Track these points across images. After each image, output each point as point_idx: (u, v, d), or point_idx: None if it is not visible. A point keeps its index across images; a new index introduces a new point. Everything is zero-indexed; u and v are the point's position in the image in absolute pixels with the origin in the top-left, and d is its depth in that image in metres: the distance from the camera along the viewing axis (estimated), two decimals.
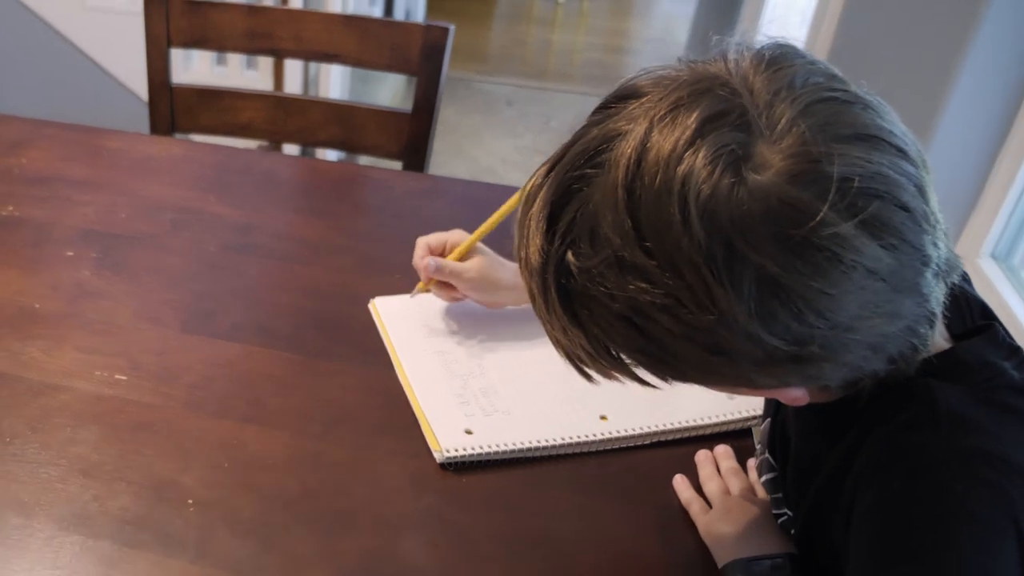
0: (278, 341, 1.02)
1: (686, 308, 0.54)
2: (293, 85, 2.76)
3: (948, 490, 0.58)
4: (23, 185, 1.28)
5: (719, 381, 0.61)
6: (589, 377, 0.64)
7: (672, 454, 0.91)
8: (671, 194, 0.53)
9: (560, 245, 0.57)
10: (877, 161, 0.53)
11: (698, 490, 0.86)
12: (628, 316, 0.56)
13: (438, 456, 0.87)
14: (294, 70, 2.74)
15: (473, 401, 0.94)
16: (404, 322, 1.05)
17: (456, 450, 0.87)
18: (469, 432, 0.90)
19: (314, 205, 1.34)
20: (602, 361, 0.61)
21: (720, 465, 0.89)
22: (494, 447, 0.88)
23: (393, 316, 1.05)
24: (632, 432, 0.91)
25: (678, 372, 0.59)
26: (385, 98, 3.47)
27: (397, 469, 0.87)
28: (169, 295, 1.08)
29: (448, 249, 1.03)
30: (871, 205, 0.52)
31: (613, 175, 0.55)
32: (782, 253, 0.52)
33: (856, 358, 0.56)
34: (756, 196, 0.52)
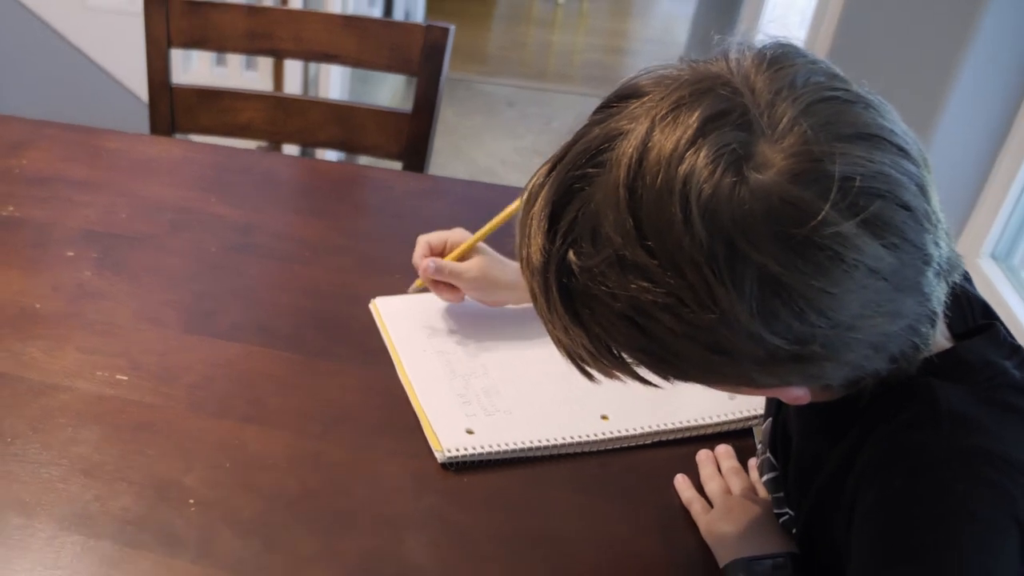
0: (278, 341, 1.02)
1: (688, 307, 0.54)
2: (293, 86, 2.76)
3: (949, 489, 0.58)
4: (23, 185, 1.28)
5: (721, 380, 0.61)
6: (591, 376, 0.64)
7: (673, 454, 0.91)
8: (673, 193, 0.53)
9: (562, 244, 0.58)
10: (879, 160, 0.53)
11: (699, 490, 0.86)
12: (630, 315, 0.56)
13: (439, 456, 0.87)
14: (294, 71, 2.74)
15: (474, 401, 0.94)
16: (405, 322, 1.05)
17: (457, 450, 0.87)
18: (470, 432, 0.90)
19: (314, 205, 1.34)
20: (604, 360, 0.61)
21: (721, 465, 0.89)
22: (495, 447, 0.88)
23: (394, 316, 1.05)
24: (633, 432, 0.91)
25: (680, 371, 0.59)
26: (385, 99, 3.47)
27: (397, 469, 0.87)
28: (169, 295, 1.08)
29: (449, 248, 1.03)
30: (873, 204, 0.52)
31: (615, 174, 0.55)
32: (784, 252, 0.52)
33: (858, 357, 0.56)
34: (758, 195, 0.52)
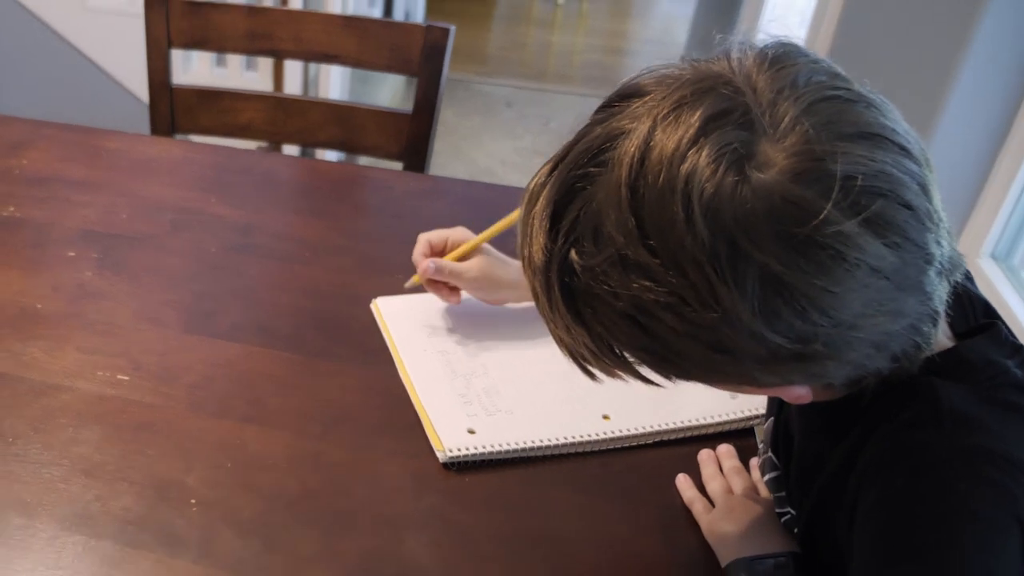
0: (278, 341, 1.02)
1: (690, 306, 0.54)
2: (293, 86, 2.76)
3: (951, 488, 0.58)
4: (24, 186, 1.28)
5: (723, 379, 0.61)
6: (592, 375, 0.64)
7: (674, 453, 0.91)
8: (674, 192, 0.53)
9: (563, 243, 0.57)
10: (880, 159, 0.53)
11: (701, 489, 0.86)
12: (632, 314, 0.56)
13: (441, 456, 0.87)
14: (294, 71, 2.74)
15: (476, 401, 0.94)
16: (406, 322, 1.05)
17: (459, 450, 0.87)
18: (472, 432, 0.89)
19: (314, 206, 1.34)
20: (606, 359, 0.61)
21: (723, 464, 0.89)
22: (496, 447, 0.88)
23: (395, 316, 1.05)
24: (634, 432, 0.91)
25: (682, 370, 0.59)
26: (384, 99, 3.47)
27: (398, 469, 0.87)
28: (170, 295, 1.08)
29: (450, 246, 1.03)
30: (874, 203, 0.52)
31: (616, 173, 0.55)
32: (785, 251, 0.52)
33: (860, 356, 0.56)
34: (759, 194, 0.52)
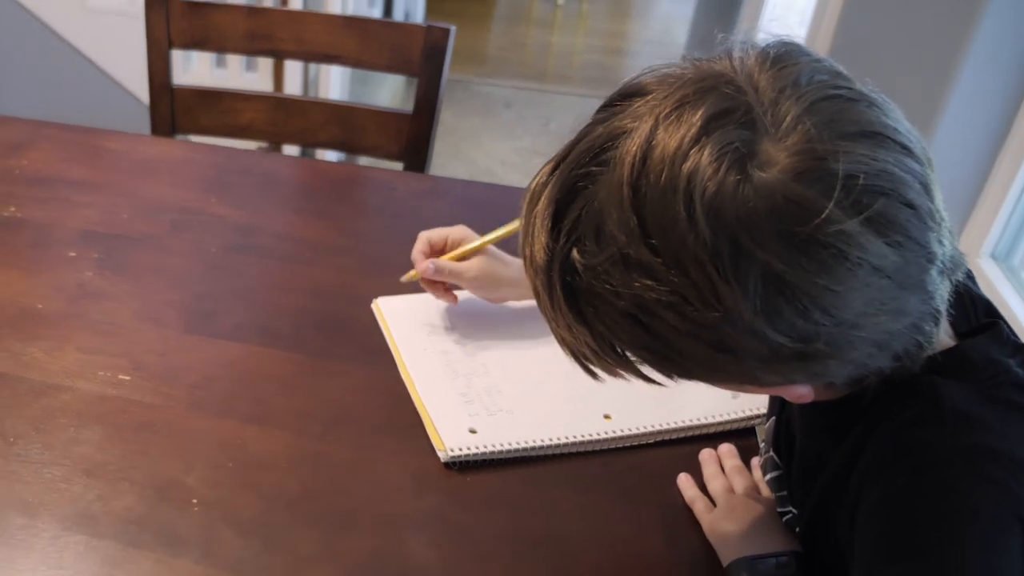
0: (279, 341, 1.02)
1: (691, 305, 0.54)
2: (293, 87, 2.75)
3: (953, 487, 0.58)
4: (24, 186, 1.28)
5: (725, 379, 0.61)
6: (594, 375, 0.64)
7: (676, 453, 0.91)
8: (676, 191, 0.53)
9: (565, 243, 0.57)
10: (882, 158, 0.53)
11: (702, 489, 0.86)
12: (633, 313, 0.56)
13: (443, 455, 0.87)
14: (294, 72, 2.74)
15: (477, 400, 0.94)
16: (407, 322, 1.05)
17: (460, 449, 0.87)
18: (473, 431, 0.89)
19: (315, 206, 1.34)
20: (607, 359, 0.61)
21: (724, 464, 0.89)
22: (498, 446, 0.88)
23: (396, 316, 1.05)
24: (636, 431, 0.91)
25: (683, 370, 0.59)
26: (384, 99, 3.47)
27: (399, 469, 0.87)
28: (171, 295, 1.08)
29: (450, 245, 1.03)
30: (876, 202, 0.52)
31: (618, 173, 0.55)
32: (787, 250, 0.52)
33: (861, 355, 0.56)
34: (761, 193, 0.52)
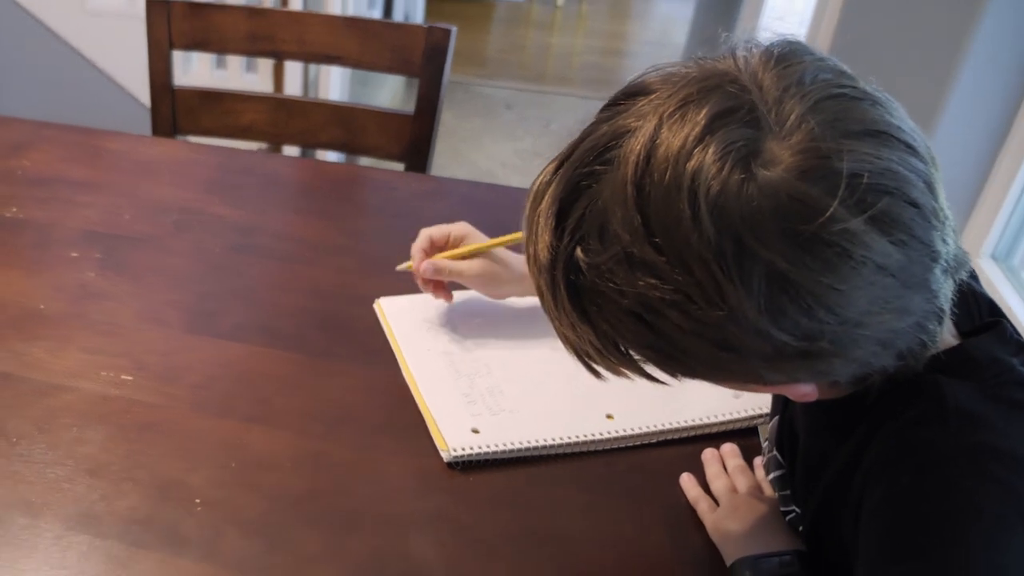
0: (281, 341, 1.02)
1: (695, 304, 0.54)
2: (293, 88, 2.76)
3: (957, 486, 0.58)
4: (25, 187, 1.28)
5: (728, 377, 0.61)
6: (597, 374, 0.64)
7: (678, 453, 0.91)
8: (681, 190, 0.53)
9: (569, 241, 0.57)
10: (886, 157, 0.53)
11: (705, 488, 0.86)
12: (637, 312, 0.56)
13: (445, 455, 0.87)
14: (294, 73, 2.74)
15: (479, 400, 0.94)
16: (409, 322, 1.05)
17: (463, 449, 0.87)
18: (476, 431, 0.90)
19: (317, 206, 1.34)
20: (611, 357, 0.61)
21: (727, 463, 0.89)
22: (501, 446, 0.88)
23: (398, 316, 1.05)
24: (638, 431, 0.91)
25: (687, 368, 0.59)
26: (384, 100, 3.47)
27: (402, 468, 0.87)
28: (173, 296, 1.08)
29: (451, 241, 1.03)
30: (880, 201, 0.52)
31: (622, 171, 0.55)
32: (792, 249, 0.52)
33: (865, 354, 0.56)
34: (766, 192, 0.52)
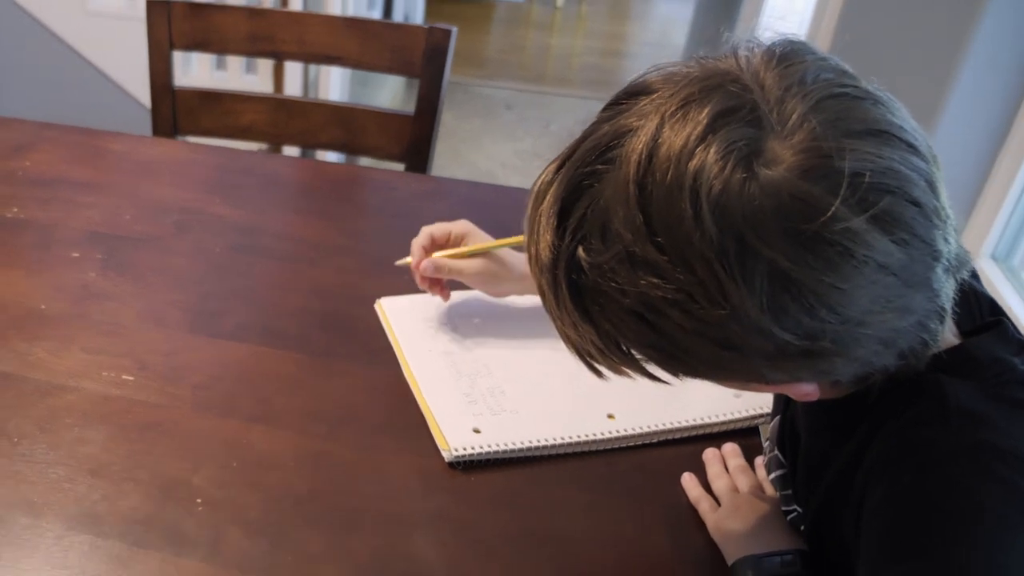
0: (283, 341, 1.02)
1: (697, 303, 0.54)
2: (293, 89, 2.76)
3: (958, 485, 0.58)
4: (27, 187, 1.28)
5: (730, 377, 0.61)
6: (599, 373, 0.64)
7: (680, 452, 0.91)
8: (682, 189, 0.53)
9: (571, 241, 0.58)
10: (888, 156, 0.53)
11: (706, 488, 0.86)
12: (639, 311, 0.56)
13: (447, 455, 0.87)
14: (293, 74, 2.74)
15: (481, 400, 0.94)
16: (411, 322, 1.05)
17: (464, 449, 0.87)
18: (477, 431, 0.90)
19: (318, 206, 1.34)
20: (613, 357, 0.61)
21: (728, 463, 0.89)
22: (502, 446, 0.88)
23: (400, 316, 1.06)
24: (639, 431, 0.91)
25: (689, 368, 0.59)
26: (384, 101, 3.47)
27: (404, 468, 0.87)
28: (174, 296, 1.08)
29: (452, 239, 1.03)
30: (882, 200, 0.52)
31: (624, 171, 0.55)
32: (793, 248, 0.52)
33: (867, 353, 0.56)
34: (767, 191, 0.52)
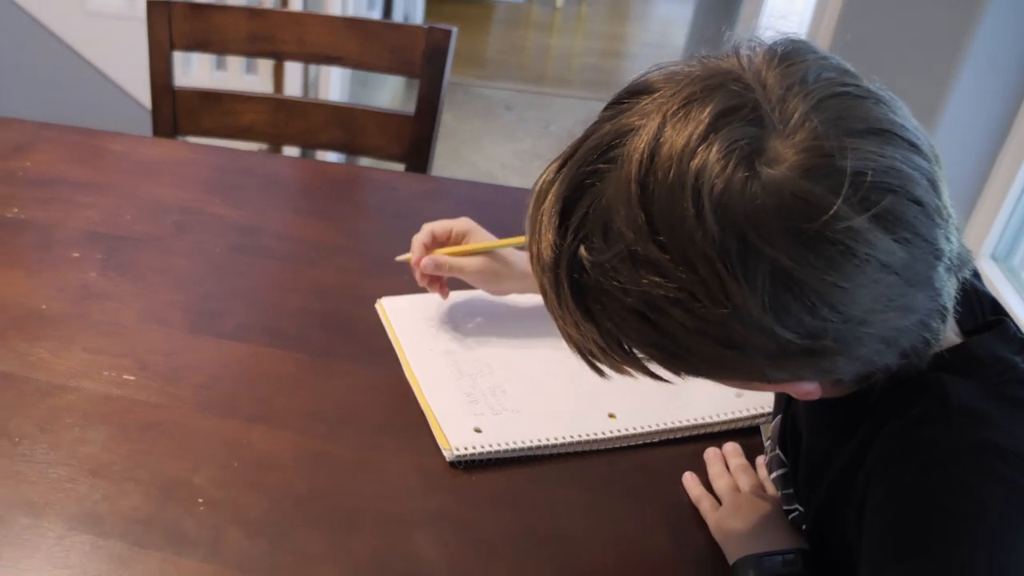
0: (284, 341, 1.02)
1: (699, 302, 0.54)
2: (293, 89, 2.76)
3: (960, 484, 0.58)
4: (27, 187, 1.28)
5: (732, 376, 0.61)
6: (601, 372, 0.64)
7: (681, 452, 0.91)
8: (684, 188, 0.53)
9: (573, 240, 0.58)
10: (890, 155, 0.53)
11: (707, 487, 0.86)
12: (641, 310, 0.56)
13: (448, 455, 0.87)
14: (293, 74, 2.74)
15: (482, 400, 0.94)
16: (411, 321, 1.05)
17: (466, 448, 0.87)
18: (478, 431, 0.90)
19: (318, 206, 1.34)
20: (614, 356, 0.61)
21: (729, 462, 0.89)
22: (503, 445, 0.88)
23: (400, 316, 1.06)
24: (640, 430, 0.91)
25: (691, 367, 0.59)
26: (384, 101, 3.47)
27: (404, 468, 0.87)
28: (175, 296, 1.08)
29: (453, 237, 1.03)
30: (884, 199, 0.52)
31: (626, 170, 0.55)
32: (795, 247, 0.52)
33: (869, 352, 0.56)
34: (769, 190, 0.52)
